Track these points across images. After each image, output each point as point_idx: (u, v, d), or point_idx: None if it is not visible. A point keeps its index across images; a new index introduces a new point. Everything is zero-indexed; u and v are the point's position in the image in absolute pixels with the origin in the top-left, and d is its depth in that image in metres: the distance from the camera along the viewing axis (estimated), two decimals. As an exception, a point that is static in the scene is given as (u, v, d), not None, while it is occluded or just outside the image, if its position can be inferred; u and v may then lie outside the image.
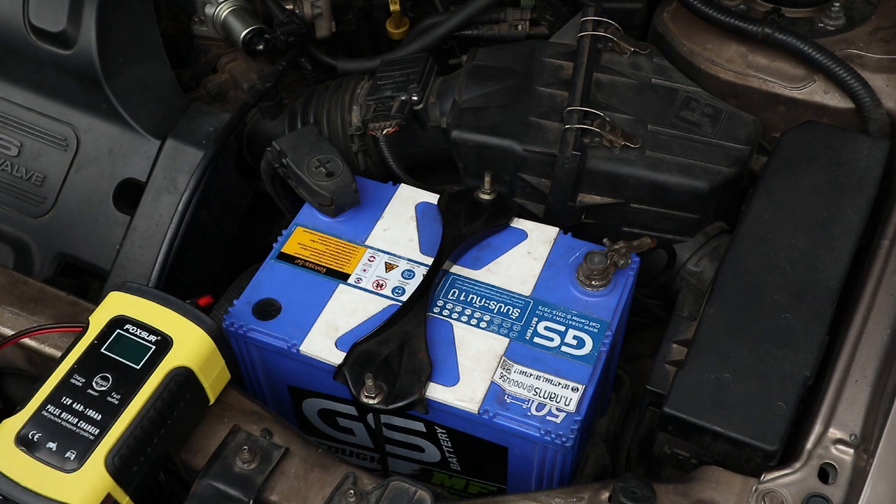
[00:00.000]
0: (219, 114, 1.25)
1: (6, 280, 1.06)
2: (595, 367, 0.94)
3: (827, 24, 1.23)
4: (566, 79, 1.20)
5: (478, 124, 1.18)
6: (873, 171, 1.07)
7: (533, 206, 1.20)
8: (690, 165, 1.13)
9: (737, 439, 0.89)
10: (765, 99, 1.21)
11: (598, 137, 1.13)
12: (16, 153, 1.25)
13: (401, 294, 1.01)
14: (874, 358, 0.93)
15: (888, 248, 1.01)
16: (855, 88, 1.15)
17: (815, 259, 1.00)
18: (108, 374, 0.87)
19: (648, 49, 1.24)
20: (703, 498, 0.87)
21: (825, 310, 0.96)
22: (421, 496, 0.85)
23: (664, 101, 1.18)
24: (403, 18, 1.43)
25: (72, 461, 0.82)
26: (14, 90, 1.24)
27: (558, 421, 0.90)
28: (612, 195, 1.15)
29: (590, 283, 1.00)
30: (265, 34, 1.39)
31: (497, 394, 0.92)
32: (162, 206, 1.19)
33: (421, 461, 1.04)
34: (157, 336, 0.90)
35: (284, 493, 0.88)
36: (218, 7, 1.42)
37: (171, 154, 1.20)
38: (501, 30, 1.40)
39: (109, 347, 0.89)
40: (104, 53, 1.16)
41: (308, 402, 1.04)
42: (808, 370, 0.92)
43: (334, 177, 1.06)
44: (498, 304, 1.00)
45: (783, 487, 0.86)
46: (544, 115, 1.17)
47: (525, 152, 1.15)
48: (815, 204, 1.05)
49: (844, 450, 0.88)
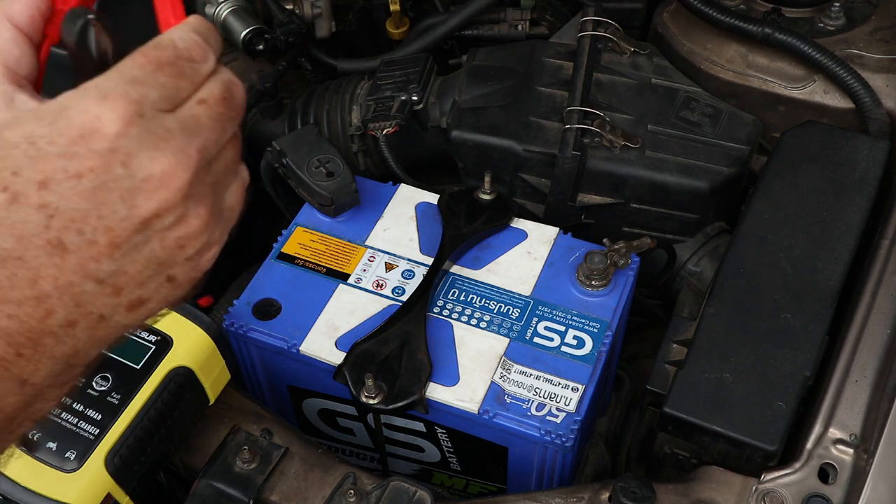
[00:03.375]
0: (219, 114, 1.24)
1: (6, 280, 1.06)
2: (595, 367, 0.94)
3: (827, 24, 1.23)
4: (566, 79, 1.20)
5: (478, 124, 1.18)
6: (873, 171, 1.07)
7: (533, 206, 1.20)
8: (690, 165, 1.13)
9: (737, 439, 0.89)
10: (765, 99, 1.21)
11: (598, 137, 1.13)
12: (16, 153, 1.25)
13: (401, 294, 1.01)
14: (874, 358, 0.93)
15: (888, 248, 1.01)
16: (855, 88, 1.15)
17: (815, 259, 1.00)
18: (107, 374, 0.87)
19: (648, 49, 1.24)
20: (703, 498, 0.87)
21: (825, 310, 0.96)
22: (421, 496, 0.85)
23: (664, 101, 1.18)
24: (403, 18, 1.43)
25: (72, 461, 0.82)
26: (14, 90, 1.24)
27: (558, 421, 0.90)
28: (612, 195, 1.15)
29: (590, 283, 1.00)
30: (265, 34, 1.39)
31: (497, 394, 0.92)
32: (162, 206, 1.19)
33: (421, 461, 1.04)
34: (157, 336, 0.90)
35: (284, 493, 0.88)
36: (218, 7, 1.41)
37: (171, 154, 1.20)
38: (501, 30, 1.40)
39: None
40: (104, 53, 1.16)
41: (308, 402, 1.04)
42: (808, 370, 0.92)
43: (334, 177, 1.06)
44: (498, 304, 1.00)
45: (783, 487, 0.86)
46: (544, 115, 1.17)
47: (525, 152, 1.15)
48: (815, 204, 1.05)
49: (844, 450, 0.88)
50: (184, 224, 0.55)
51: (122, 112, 0.52)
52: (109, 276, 0.53)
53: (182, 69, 0.57)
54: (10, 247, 0.51)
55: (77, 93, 0.54)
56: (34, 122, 0.53)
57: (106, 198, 0.52)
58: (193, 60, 0.58)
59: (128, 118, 0.52)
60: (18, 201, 0.52)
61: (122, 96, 0.53)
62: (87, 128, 0.52)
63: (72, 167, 0.52)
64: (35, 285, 0.52)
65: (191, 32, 0.59)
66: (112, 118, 0.52)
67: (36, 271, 0.52)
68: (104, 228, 0.52)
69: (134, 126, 0.52)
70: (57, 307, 0.53)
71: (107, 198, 0.52)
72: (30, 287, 0.52)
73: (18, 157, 0.52)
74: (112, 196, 0.52)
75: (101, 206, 0.52)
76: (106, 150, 0.52)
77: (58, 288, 0.52)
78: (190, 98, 0.57)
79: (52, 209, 0.51)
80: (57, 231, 0.51)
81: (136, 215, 0.53)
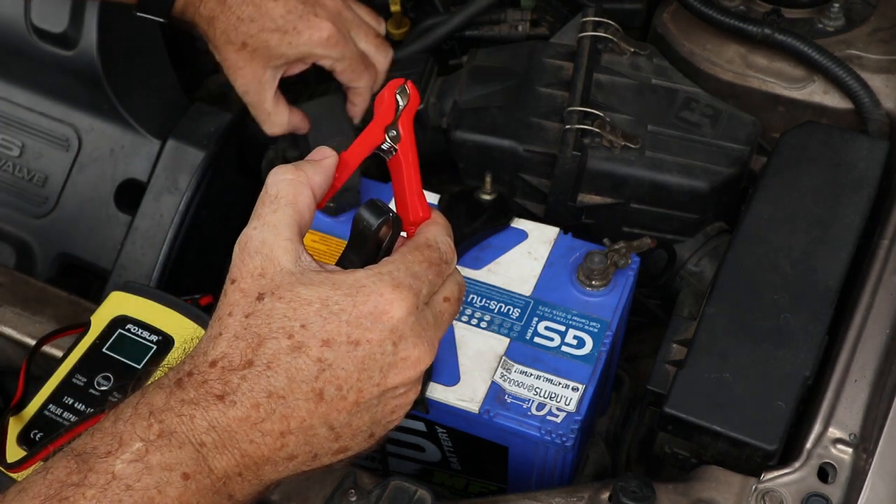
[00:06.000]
0: (220, 114, 1.25)
1: (8, 280, 1.06)
2: (595, 367, 0.95)
3: (826, 24, 1.23)
4: (566, 79, 1.20)
5: (478, 125, 1.18)
6: (873, 171, 1.07)
7: (533, 206, 1.20)
8: (690, 166, 1.13)
9: (737, 439, 0.89)
10: (764, 99, 1.22)
11: (598, 138, 1.13)
12: (18, 153, 1.25)
13: (401, 294, 1.01)
14: (873, 358, 0.93)
15: (888, 248, 1.01)
16: (854, 89, 1.16)
17: (814, 259, 1.00)
18: (109, 374, 0.87)
19: (648, 50, 1.24)
20: (702, 497, 0.87)
21: (825, 310, 0.96)
22: (421, 496, 0.85)
23: (664, 102, 1.18)
24: (404, 19, 1.43)
25: (73, 460, 0.82)
26: (16, 91, 1.24)
27: (558, 421, 0.90)
28: (612, 195, 1.15)
29: (590, 283, 1.00)
30: (266, 35, 1.39)
31: (497, 393, 0.92)
32: (163, 207, 1.20)
33: (421, 461, 1.04)
34: (159, 336, 0.90)
35: (285, 493, 0.88)
36: (219, 8, 1.41)
37: (172, 154, 1.21)
38: (502, 30, 1.40)
39: (111, 347, 0.90)
40: (105, 54, 1.16)
41: (309, 402, 1.04)
42: (807, 370, 0.92)
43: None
44: (498, 304, 1.00)
45: (783, 487, 0.87)
46: (544, 115, 1.17)
47: (525, 152, 1.16)
48: (814, 204, 1.05)
49: (844, 449, 0.88)
50: (407, 396, 0.67)
51: (408, 302, 0.64)
52: (340, 427, 0.64)
53: (442, 270, 0.69)
54: (280, 386, 0.61)
55: (372, 275, 0.64)
56: (330, 288, 0.63)
57: (370, 365, 0.63)
58: (448, 263, 0.70)
59: (410, 308, 0.64)
60: (300, 350, 0.61)
61: (409, 288, 0.64)
62: (379, 308, 0.63)
63: (354, 335, 0.62)
64: (285, 421, 0.61)
65: (446, 237, 0.72)
66: (401, 306, 0.63)
67: (291, 411, 0.61)
68: (357, 389, 0.63)
69: (412, 315, 0.64)
70: (290, 443, 0.62)
71: (370, 366, 0.63)
72: (280, 422, 0.61)
73: (310, 314, 0.62)
74: (374, 365, 0.63)
75: (363, 372, 0.62)
76: (387, 330, 0.63)
77: (301, 428, 0.62)
78: (438, 293, 0.69)
79: (325, 364, 0.62)
80: (322, 383, 0.62)
81: (384, 384, 0.64)
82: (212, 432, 0.60)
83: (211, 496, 0.61)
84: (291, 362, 0.61)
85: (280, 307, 0.62)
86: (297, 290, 0.62)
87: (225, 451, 0.61)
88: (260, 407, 0.60)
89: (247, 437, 0.61)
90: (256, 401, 0.60)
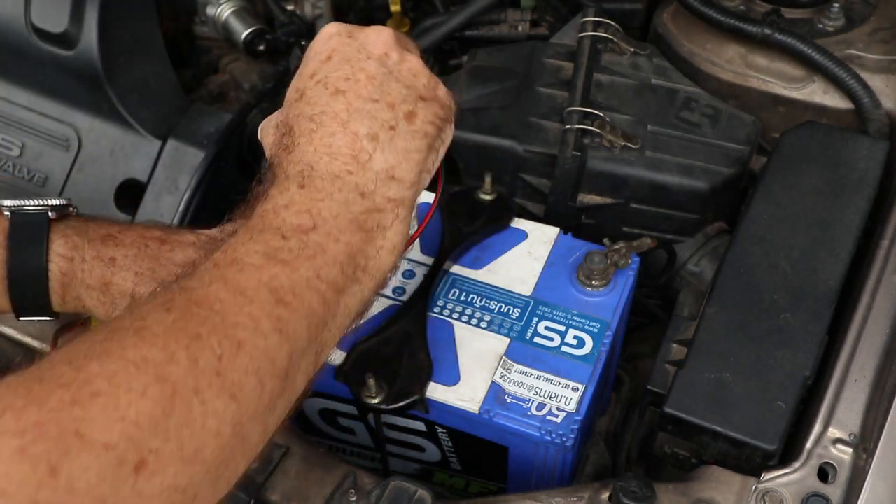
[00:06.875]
0: (220, 114, 1.25)
1: (8, 280, 1.06)
2: (595, 367, 0.95)
3: (826, 24, 1.23)
4: (566, 79, 1.20)
5: (478, 125, 1.18)
6: (873, 171, 1.08)
7: (533, 206, 1.20)
8: (690, 166, 1.13)
9: (737, 439, 0.89)
10: (764, 99, 1.22)
11: (598, 138, 1.13)
12: (18, 153, 1.25)
13: (401, 294, 1.01)
14: (873, 358, 0.94)
15: (888, 248, 1.01)
16: (854, 89, 1.16)
17: (814, 259, 1.00)
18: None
19: (648, 50, 1.24)
20: (702, 497, 0.87)
21: (825, 310, 0.96)
22: (421, 495, 0.85)
23: (664, 102, 1.19)
24: (404, 19, 1.43)
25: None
26: (16, 91, 1.24)
27: (558, 421, 0.90)
28: (613, 195, 1.15)
29: (590, 283, 1.00)
30: (266, 35, 1.39)
31: (497, 393, 0.92)
32: (163, 207, 1.20)
33: (421, 461, 1.04)
34: (159, 336, 0.90)
35: (285, 493, 0.88)
36: (219, 7, 1.42)
37: (172, 154, 1.20)
38: (502, 30, 1.40)
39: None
40: (106, 54, 1.16)
41: (308, 402, 1.04)
42: (807, 370, 0.92)
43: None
44: (498, 304, 1.00)
45: (783, 487, 0.87)
46: (544, 115, 1.18)
47: (525, 153, 1.16)
48: (814, 204, 1.05)
49: (844, 449, 0.88)
50: (407, 61, 0.80)
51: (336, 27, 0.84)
52: (381, 97, 0.77)
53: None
54: (318, 111, 0.77)
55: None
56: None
57: (349, 56, 0.79)
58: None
59: (339, 28, 0.84)
60: (315, 80, 0.80)
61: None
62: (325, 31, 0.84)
63: (329, 55, 0.81)
64: (337, 118, 0.76)
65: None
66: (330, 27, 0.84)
67: (333, 109, 0.77)
68: (359, 70, 0.78)
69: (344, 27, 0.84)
70: (358, 127, 0.76)
71: (350, 56, 0.79)
72: (333, 122, 0.76)
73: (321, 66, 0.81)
74: (352, 56, 0.80)
75: (352, 61, 0.79)
76: (342, 34, 0.82)
77: (351, 112, 0.76)
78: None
79: (322, 76, 0.79)
80: (334, 83, 0.78)
81: (373, 54, 0.79)
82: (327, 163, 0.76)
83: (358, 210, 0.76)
84: (314, 87, 0.79)
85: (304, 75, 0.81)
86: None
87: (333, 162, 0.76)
88: (313, 119, 0.77)
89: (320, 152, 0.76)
90: (310, 117, 0.77)
